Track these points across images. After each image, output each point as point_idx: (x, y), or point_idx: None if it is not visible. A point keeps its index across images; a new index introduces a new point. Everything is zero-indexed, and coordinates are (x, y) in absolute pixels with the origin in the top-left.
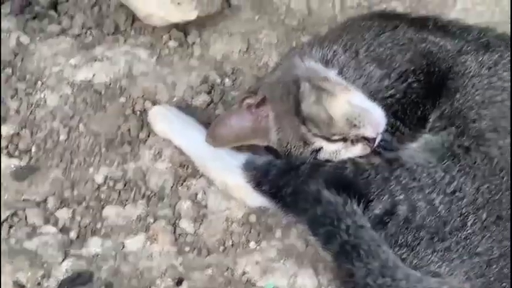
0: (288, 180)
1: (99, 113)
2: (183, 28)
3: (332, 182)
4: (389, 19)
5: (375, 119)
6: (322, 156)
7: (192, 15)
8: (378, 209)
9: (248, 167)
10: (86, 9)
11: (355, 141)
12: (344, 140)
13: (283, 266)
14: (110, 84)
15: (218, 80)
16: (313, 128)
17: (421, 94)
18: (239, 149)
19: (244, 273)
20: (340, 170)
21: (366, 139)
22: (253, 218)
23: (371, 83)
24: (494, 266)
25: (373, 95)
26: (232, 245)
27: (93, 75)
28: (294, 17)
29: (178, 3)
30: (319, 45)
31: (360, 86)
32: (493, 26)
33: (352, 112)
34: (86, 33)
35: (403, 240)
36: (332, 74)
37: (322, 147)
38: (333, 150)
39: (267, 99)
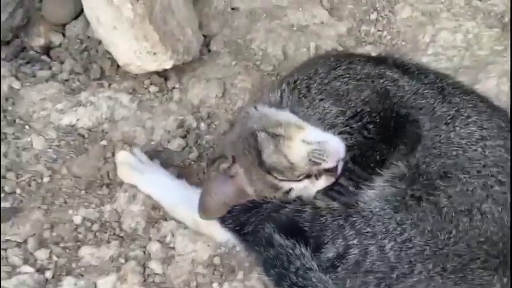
0: (248, 218)
1: (81, 156)
2: (164, 73)
3: (289, 224)
4: (346, 56)
5: (332, 149)
6: (294, 194)
7: (167, 64)
8: (331, 252)
9: None
10: (76, 54)
11: (318, 175)
12: (308, 176)
13: None
14: (93, 128)
15: (194, 124)
16: (278, 174)
17: (377, 137)
18: None
19: None
20: (299, 213)
21: (328, 170)
22: (217, 260)
23: (326, 119)
24: None
25: (328, 129)
26: (197, 286)
27: (77, 120)
28: (270, 62)
29: (154, 54)
30: (271, 88)
31: (315, 121)
32: (463, 70)
33: (309, 150)
34: (73, 78)
35: (350, 284)
36: (284, 115)
37: (292, 188)
38: (301, 188)
39: (235, 158)
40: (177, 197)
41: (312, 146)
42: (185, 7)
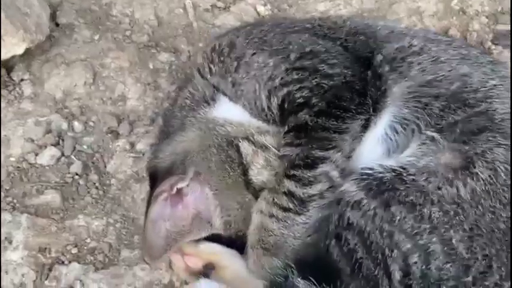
0: None
1: None
2: (3, 63)
3: (318, 263)
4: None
5: None
6: None
7: (19, 49)
8: (396, 274)
9: None
10: None
11: None
12: None
13: None
14: None
15: (65, 125)
16: None
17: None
18: None
19: None
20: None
21: None
22: None
23: (262, 75)
24: None
25: (266, 88)
26: None
27: None
28: (142, 31)
29: None
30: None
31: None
32: (368, 14)
33: None
34: None
35: None
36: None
37: None
38: None
39: (199, 175)
40: None
41: None
42: None
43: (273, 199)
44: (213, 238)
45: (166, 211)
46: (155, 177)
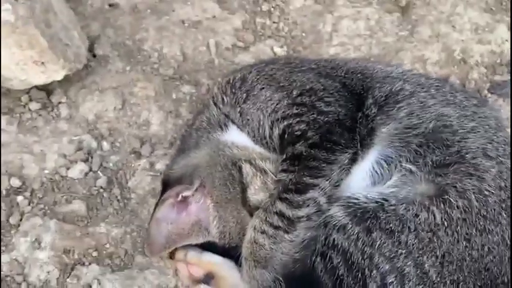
0: None
1: None
2: (44, 87)
3: (305, 278)
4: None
5: None
6: None
7: (58, 75)
8: None
9: None
10: None
11: None
12: None
13: None
14: None
15: (94, 144)
16: None
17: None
18: None
19: None
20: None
21: None
22: None
23: (267, 107)
24: None
25: (269, 120)
26: None
27: None
28: (169, 65)
29: (42, 63)
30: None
31: (256, 117)
32: (374, 58)
33: None
34: None
35: None
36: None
37: None
38: None
39: (203, 186)
40: None
41: None
42: (65, 7)
43: (266, 218)
44: (210, 246)
45: (172, 215)
46: (167, 185)
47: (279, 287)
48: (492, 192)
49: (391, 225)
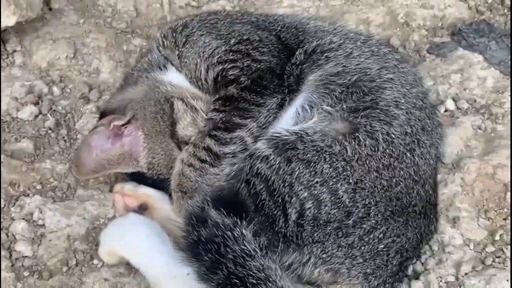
0: None
1: None
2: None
3: (230, 197)
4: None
5: None
6: None
7: (9, 21)
8: (293, 214)
9: None
10: None
11: None
12: None
13: (134, 280)
14: None
15: (45, 90)
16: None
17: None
18: None
19: None
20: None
21: None
22: (96, 234)
23: (204, 52)
24: (390, 266)
25: (205, 64)
26: (77, 264)
27: None
28: (122, 19)
29: None
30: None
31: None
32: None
33: None
34: None
35: (317, 236)
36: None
37: None
38: None
39: (136, 119)
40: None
41: None
42: None
43: (194, 152)
44: (140, 176)
45: (105, 145)
46: (103, 116)
47: (206, 207)
48: (398, 136)
49: (308, 155)
